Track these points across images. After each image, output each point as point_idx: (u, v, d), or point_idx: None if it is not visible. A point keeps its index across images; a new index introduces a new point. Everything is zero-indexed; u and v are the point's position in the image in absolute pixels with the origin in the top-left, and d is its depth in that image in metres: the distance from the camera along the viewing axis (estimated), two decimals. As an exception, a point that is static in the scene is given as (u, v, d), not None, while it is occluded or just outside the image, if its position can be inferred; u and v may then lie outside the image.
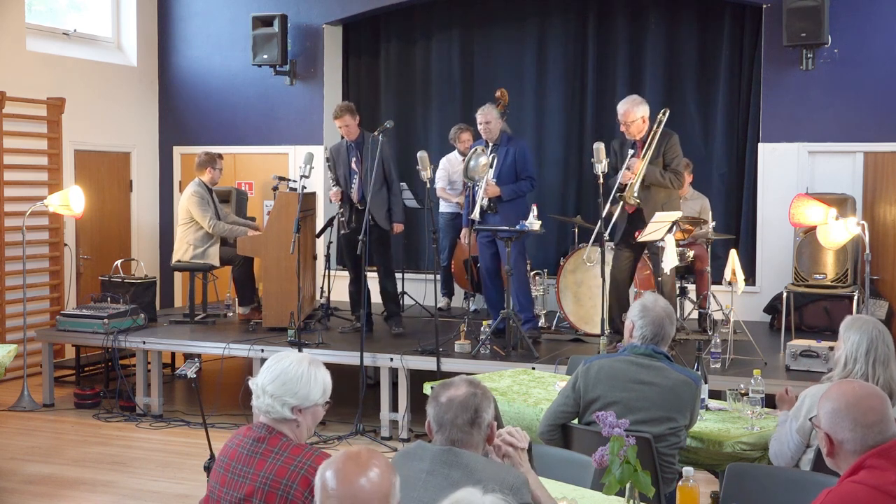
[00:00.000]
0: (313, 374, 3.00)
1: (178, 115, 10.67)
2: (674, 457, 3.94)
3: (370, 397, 7.27)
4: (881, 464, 2.43)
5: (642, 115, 6.75)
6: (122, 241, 10.30)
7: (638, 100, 6.83)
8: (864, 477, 2.43)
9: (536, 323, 7.71)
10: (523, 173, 7.44)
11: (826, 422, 2.59)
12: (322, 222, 9.06)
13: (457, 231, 8.93)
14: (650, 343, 4.03)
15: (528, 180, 7.45)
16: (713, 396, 4.88)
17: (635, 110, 6.74)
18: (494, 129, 7.43)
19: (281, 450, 2.94)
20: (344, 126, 7.65)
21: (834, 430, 2.56)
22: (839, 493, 2.47)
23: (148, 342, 7.67)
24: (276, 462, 2.92)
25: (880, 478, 2.40)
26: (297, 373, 2.98)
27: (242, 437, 3.05)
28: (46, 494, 5.89)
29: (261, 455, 2.95)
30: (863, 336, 3.75)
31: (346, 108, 7.69)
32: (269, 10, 9.96)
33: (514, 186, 7.40)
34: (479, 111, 7.53)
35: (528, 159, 7.50)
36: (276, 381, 2.96)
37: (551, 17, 9.71)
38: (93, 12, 10.30)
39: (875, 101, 8.33)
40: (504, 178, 7.39)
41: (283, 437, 2.97)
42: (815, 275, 7.74)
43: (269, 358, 3.10)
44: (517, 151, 7.44)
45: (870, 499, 2.39)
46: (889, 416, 2.58)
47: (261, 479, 2.91)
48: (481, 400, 2.88)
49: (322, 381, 3.02)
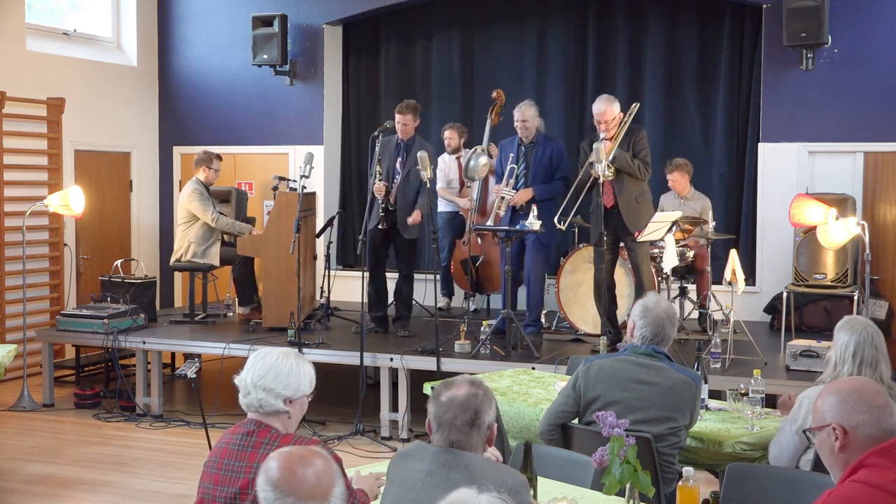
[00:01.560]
0: (301, 365, 3.10)
1: (178, 115, 10.67)
2: (674, 457, 3.94)
3: (370, 397, 7.27)
4: (882, 462, 2.39)
5: (619, 112, 6.87)
6: (122, 241, 10.30)
7: (612, 98, 6.95)
8: (864, 476, 2.40)
9: (539, 328, 7.71)
10: (558, 173, 7.45)
11: (834, 413, 2.51)
12: (322, 222, 9.06)
13: (456, 230, 8.93)
14: (650, 343, 4.04)
15: (562, 180, 7.45)
16: (713, 396, 4.88)
17: (612, 108, 6.85)
18: (531, 127, 7.45)
19: (271, 440, 3.01)
20: (403, 124, 7.50)
21: (847, 417, 2.49)
22: (840, 493, 2.43)
23: (148, 342, 7.67)
24: (267, 452, 2.96)
25: (881, 476, 2.37)
26: (286, 365, 3.07)
27: (231, 434, 3.11)
28: (46, 494, 5.89)
29: (252, 447, 3.01)
30: (851, 337, 3.75)
31: (412, 107, 7.53)
32: (269, 10, 9.96)
33: (549, 186, 7.42)
34: (517, 108, 7.53)
35: (564, 160, 7.52)
36: (267, 375, 3.04)
37: (551, 17, 9.71)
38: (93, 12, 10.30)
39: (875, 101, 8.33)
40: (539, 177, 7.41)
41: (271, 430, 3.05)
42: (815, 275, 7.74)
43: (250, 356, 3.17)
44: (555, 151, 7.47)
45: (871, 498, 2.35)
46: (891, 402, 2.54)
47: (254, 470, 2.92)
48: (482, 401, 2.87)
49: (309, 372, 3.13)
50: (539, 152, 7.44)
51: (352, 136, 10.45)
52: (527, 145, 7.49)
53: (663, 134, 9.28)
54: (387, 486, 2.96)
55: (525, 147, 7.49)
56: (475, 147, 7.79)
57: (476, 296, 8.96)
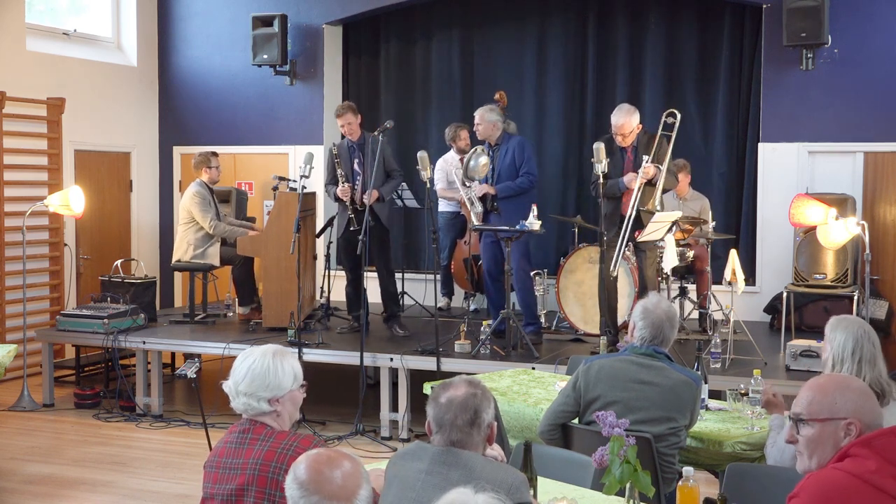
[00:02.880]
0: (279, 364, 3.08)
1: (178, 115, 10.67)
2: (674, 457, 3.94)
3: (370, 397, 7.27)
4: (864, 453, 2.46)
5: (638, 124, 6.83)
6: (122, 241, 10.30)
7: (632, 109, 6.89)
8: (846, 465, 2.48)
9: (539, 327, 7.69)
10: (522, 169, 7.42)
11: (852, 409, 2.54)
12: (322, 222, 9.06)
13: (457, 230, 8.93)
14: (650, 344, 4.04)
15: (525, 176, 7.38)
16: (713, 396, 4.88)
17: (631, 120, 6.80)
18: (486, 130, 7.44)
19: (267, 436, 3.03)
20: (346, 125, 7.64)
21: (864, 415, 2.54)
22: (820, 476, 2.52)
23: (148, 342, 7.67)
24: (263, 448, 3.00)
25: (861, 466, 2.45)
26: (263, 367, 3.06)
27: (229, 434, 3.13)
28: (46, 494, 5.89)
29: (248, 444, 3.03)
30: (848, 336, 3.73)
31: (347, 107, 7.70)
32: (269, 10, 9.96)
33: (511, 184, 7.38)
34: (476, 112, 7.56)
35: (526, 155, 7.44)
36: (245, 380, 3.05)
37: (551, 17, 9.71)
38: (93, 12, 10.30)
39: (875, 101, 8.33)
40: (504, 177, 7.38)
41: (266, 427, 3.07)
42: (815, 275, 7.74)
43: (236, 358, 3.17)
44: (515, 148, 7.42)
45: (847, 485, 2.43)
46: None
47: (251, 465, 2.98)
48: (481, 400, 2.87)
49: (290, 367, 3.11)
50: (502, 152, 7.44)
51: (352, 136, 10.44)
52: (494, 147, 7.49)
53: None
54: (386, 487, 2.95)
55: (493, 149, 7.49)
56: (475, 147, 7.79)
57: (476, 295, 8.96)
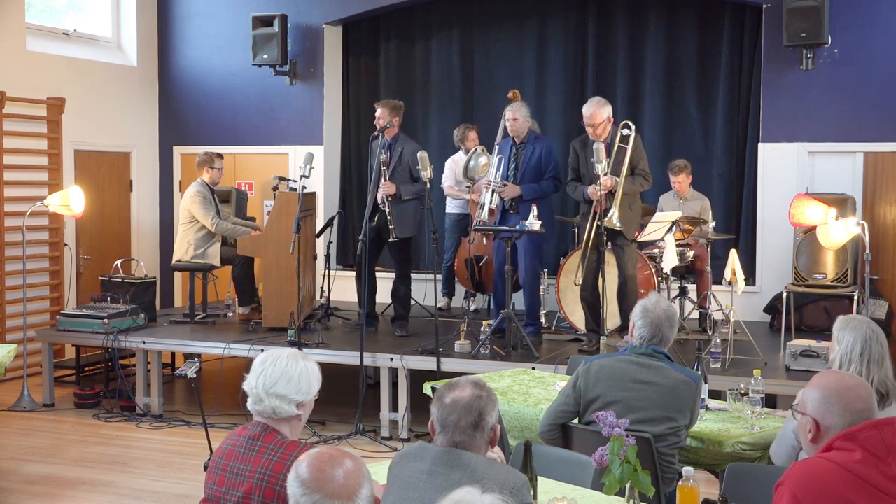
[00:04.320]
0: (310, 367, 3.11)
1: (178, 115, 10.67)
2: (674, 457, 3.94)
3: (370, 397, 7.27)
4: (849, 445, 2.57)
5: (608, 116, 6.82)
6: (122, 241, 10.30)
7: (602, 101, 6.89)
8: (832, 455, 2.59)
9: (539, 328, 7.70)
10: (548, 172, 7.45)
11: (814, 407, 2.70)
12: (322, 222, 9.06)
13: (463, 231, 8.92)
14: (649, 344, 4.04)
15: (551, 180, 7.44)
16: (713, 396, 4.88)
17: (601, 112, 6.79)
18: (521, 126, 7.45)
19: (276, 446, 3.00)
20: (378, 119, 7.48)
21: (822, 416, 2.67)
22: (805, 464, 2.63)
23: (148, 342, 7.67)
24: (272, 458, 2.98)
25: (847, 457, 2.55)
26: (297, 370, 3.06)
27: (238, 436, 3.10)
28: (46, 494, 5.89)
29: (256, 452, 3.01)
30: (857, 336, 3.74)
31: (395, 106, 7.52)
32: (269, 10, 9.96)
33: (537, 186, 7.40)
34: (509, 108, 7.56)
35: (553, 159, 7.50)
36: (279, 382, 3.02)
37: (551, 17, 9.71)
38: (93, 12, 10.30)
39: (875, 101, 8.33)
40: (528, 176, 7.41)
41: (278, 435, 3.04)
42: (815, 275, 7.74)
43: (256, 360, 3.13)
44: (543, 150, 7.45)
45: (832, 473, 2.53)
46: (874, 406, 2.71)
47: (258, 475, 2.97)
48: (486, 403, 2.88)
49: (317, 372, 3.14)
50: (528, 151, 7.45)
51: (352, 136, 10.45)
52: (518, 145, 7.49)
53: (663, 134, 9.28)
54: (388, 487, 2.95)
55: (517, 147, 7.50)
56: (475, 147, 7.79)
57: (476, 295, 8.95)
